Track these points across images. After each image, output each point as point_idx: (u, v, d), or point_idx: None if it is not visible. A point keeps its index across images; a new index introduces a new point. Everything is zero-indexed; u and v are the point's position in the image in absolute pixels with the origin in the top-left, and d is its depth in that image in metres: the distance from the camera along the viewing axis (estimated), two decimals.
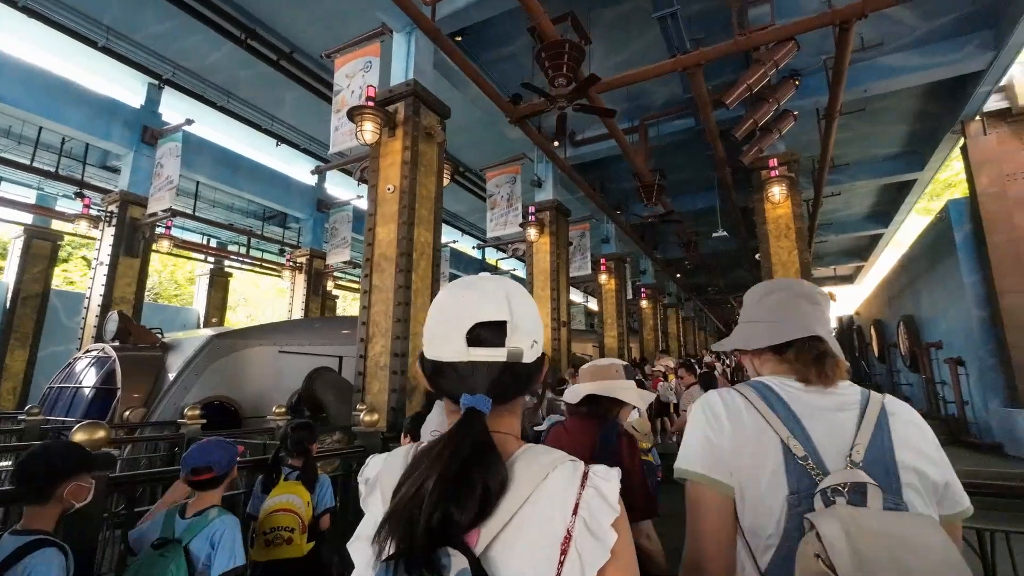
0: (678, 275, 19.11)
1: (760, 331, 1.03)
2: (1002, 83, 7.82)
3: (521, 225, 9.29)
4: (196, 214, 11.53)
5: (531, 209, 9.34)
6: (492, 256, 20.68)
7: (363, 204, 13.50)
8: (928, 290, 10.26)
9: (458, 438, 0.63)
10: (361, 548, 0.65)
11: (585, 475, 0.64)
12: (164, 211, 8.98)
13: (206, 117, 10.87)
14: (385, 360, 5.34)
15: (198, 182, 11.31)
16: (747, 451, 0.89)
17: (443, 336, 0.71)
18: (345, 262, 12.84)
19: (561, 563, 0.58)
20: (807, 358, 0.96)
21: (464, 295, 0.72)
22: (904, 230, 15.14)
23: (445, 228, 16.73)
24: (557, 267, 9.22)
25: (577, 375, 5.51)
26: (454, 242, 15.84)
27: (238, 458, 2.13)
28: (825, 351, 0.96)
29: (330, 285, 13.74)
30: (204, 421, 3.86)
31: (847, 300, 23.16)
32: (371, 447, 3.33)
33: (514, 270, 20.21)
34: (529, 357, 0.71)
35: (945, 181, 15.71)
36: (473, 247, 15.82)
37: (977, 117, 8.34)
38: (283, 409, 4.55)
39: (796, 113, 7.17)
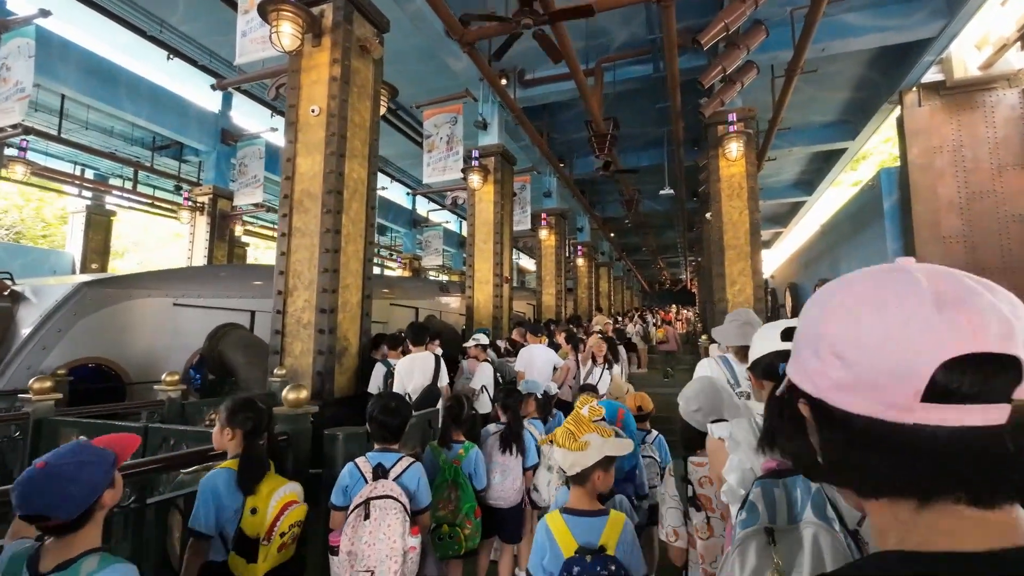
0: (612, 235, 19.16)
1: None
2: (941, 56, 7.99)
3: (463, 171, 8.46)
4: (62, 136, 9.44)
5: (474, 153, 8.51)
6: (423, 207, 19.49)
7: (277, 139, 11.80)
8: (848, 255, 10.81)
9: None
10: None
11: None
12: (13, 127, 7.13)
13: (72, 13, 8.74)
14: (309, 317, 4.49)
15: (63, 96, 9.20)
16: None
17: None
18: (256, 204, 11.33)
19: None
20: None
21: None
22: (824, 200, 15.99)
23: None
24: (501, 219, 8.56)
25: (524, 335, 4.95)
26: (383, 189, 14.57)
27: (127, 461, 1.37)
28: None
29: (239, 230, 12.14)
30: (59, 396, 2.88)
31: (763, 265, 24.62)
32: (297, 435, 2.58)
33: (447, 223, 19.23)
34: None
35: (861, 155, 16.61)
36: (406, 194, 14.56)
37: (914, 89, 8.55)
38: (175, 376, 3.63)
39: (758, 66, 6.85)
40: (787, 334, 1.16)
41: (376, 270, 19.30)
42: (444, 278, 20.04)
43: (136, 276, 6.29)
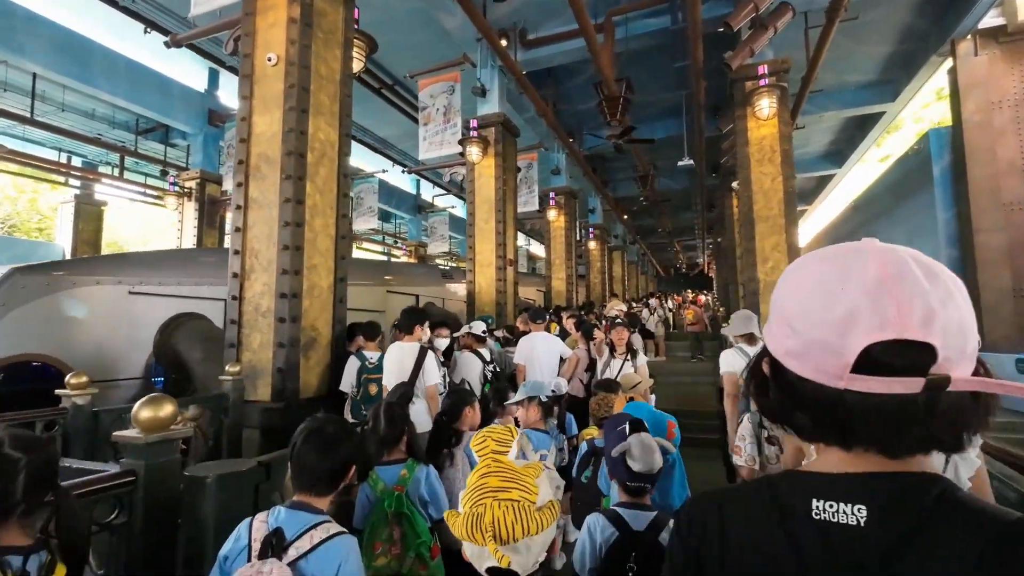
0: (626, 216, 18.24)
1: None
2: None
3: (460, 142, 7.69)
4: (36, 118, 8.86)
5: (473, 123, 7.72)
6: (428, 192, 18.74)
7: None
8: (888, 230, 9.84)
9: None
10: None
11: None
12: None
13: None
14: (268, 303, 3.80)
15: (35, 75, 8.61)
16: None
17: None
18: None
19: None
20: None
21: None
22: (854, 174, 14.87)
23: (372, 156, 14.64)
24: (504, 195, 7.78)
25: (529, 322, 4.20)
26: (383, 172, 13.86)
27: None
28: None
29: (230, 216, 11.53)
30: None
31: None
32: (152, 479, 1.82)
33: (452, 208, 18.48)
34: None
35: (894, 125, 15.41)
36: (403, 171, 13.78)
37: (968, 36, 7.52)
38: (83, 378, 2.93)
39: (794, 7, 5.94)
40: None
41: (383, 259, 18.71)
42: (452, 266, 19.36)
43: (84, 261, 5.69)
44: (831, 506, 0.50)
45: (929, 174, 7.90)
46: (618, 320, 4.12)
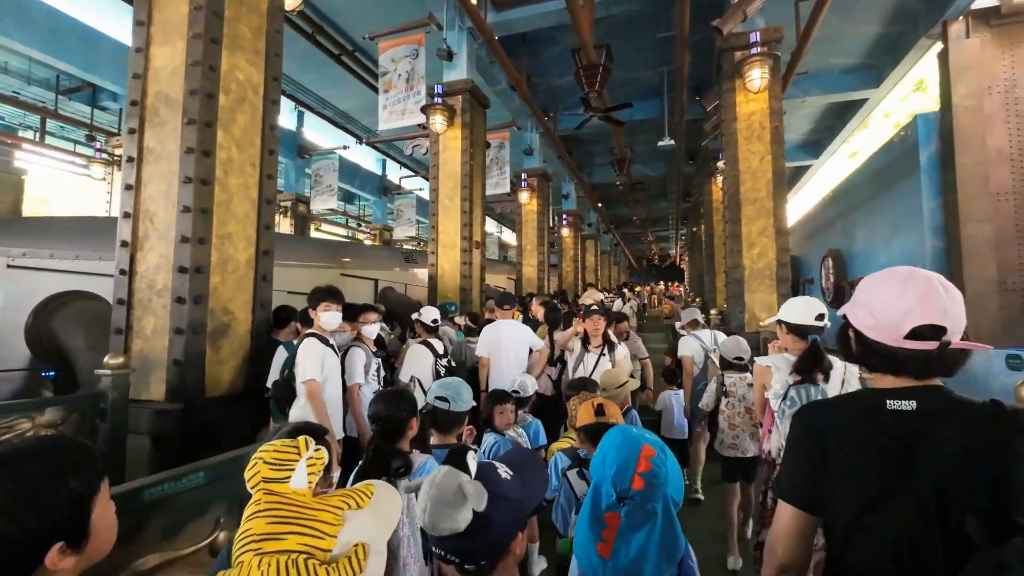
0: (600, 204, 17.77)
1: None
2: None
3: (424, 111, 6.94)
4: None
5: (437, 89, 6.98)
6: (395, 173, 17.79)
7: None
8: (867, 221, 9.57)
9: None
10: None
11: None
12: None
13: None
14: (165, 280, 3.04)
15: None
16: None
17: None
18: None
19: None
20: None
21: None
22: (831, 165, 14.72)
23: (333, 131, 13.62)
24: (471, 171, 7.09)
25: (496, 308, 3.52)
26: (344, 148, 12.92)
27: None
28: None
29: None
30: None
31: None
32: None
33: (420, 190, 17.60)
34: None
35: (864, 124, 15.27)
36: (360, 143, 12.77)
37: (961, 18, 7.18)
38: None
39: None
40: (820, 317, 2.27)
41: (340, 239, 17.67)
42: (418, 250, 18.51)
43: None
44: (895, 403, 0.94)
45: (915, 161, 7.58)
46: (593, 307, 3.51)
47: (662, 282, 23.46)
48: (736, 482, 3.20)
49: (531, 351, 3.76)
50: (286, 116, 13.48)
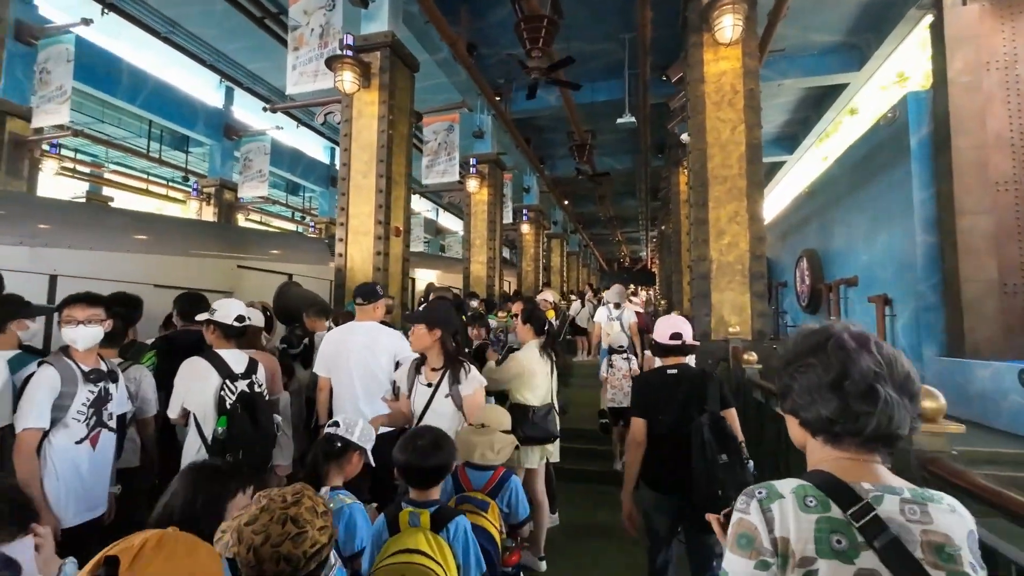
0: (566, 202, 16.71)
1: None
2: None
3: (330, 65, 5.69)
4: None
5: (347, 39, 5.74)
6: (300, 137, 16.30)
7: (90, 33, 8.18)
8: (846, 218, 8.70)
9: None
10: None
11: None
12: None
13: None
14: None
15: None
16: None
17: None
18: (59, 126, 8.27)
19: None
20: None
21: None
22: (804, 162, 13.96)
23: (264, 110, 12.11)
24: (390, 141, 5.85)
25: (360, 303, 2.31)
26: (278, 128, 11.52)
27: None
28: None
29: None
30: None
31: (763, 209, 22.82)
32: None
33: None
34: None
35: (834, 127, 14.52)
36: (265, 109, 10.94)
37: None
38: None
39: None
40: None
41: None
42: None
43: None
44: (671, 370, 2.36)
45: (904, 147, 6.68)
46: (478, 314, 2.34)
47: (631, 286, 22.54)
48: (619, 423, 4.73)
49: (398, 366, 2.56)
50: (211, 92, 12.00)
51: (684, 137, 5.32)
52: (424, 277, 10.53)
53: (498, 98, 9.64)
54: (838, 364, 0.81)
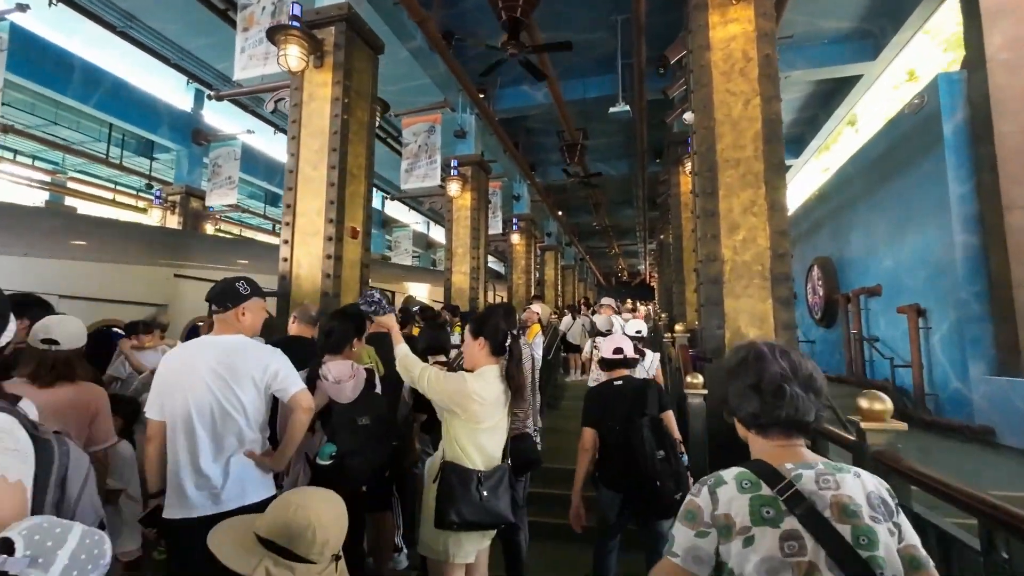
0: (560, 212, 15.94)
1: None
2: None
3: (272, 38, 4.91)
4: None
5: (295, 10, 4.96)
6: (278, 144, 15.53)
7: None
8: (865, 220, 7.87)
9: None
10: None
11: None
12: None
13: None
14: None
15: None
16: None
17: None
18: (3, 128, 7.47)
19: None
20: None
21: None
22: (809, 167, 13.21)
23: (236, 113, 11.35)
24: (345, 127, 5.04)
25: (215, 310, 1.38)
26: (249, 132, 10.76)
27: None
28: None
29: None
30: None
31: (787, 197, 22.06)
32: None
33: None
34: None
35: (847, 119, 13.89)
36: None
37: None
38: None
39: None
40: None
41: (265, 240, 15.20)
42: None
43: None
44: (617, 382, 2.79)
45: (935, 136, 5.88)
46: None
47: (629, 300, 21.70)
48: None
49: (276, 402, 1.66)
50: (179, 94, 11.27)
51: (687, 117, 4.49)
52: (401, 290, 9.67)
53: (482, 95, 8.90)
54: (756, 371, 1.06)
